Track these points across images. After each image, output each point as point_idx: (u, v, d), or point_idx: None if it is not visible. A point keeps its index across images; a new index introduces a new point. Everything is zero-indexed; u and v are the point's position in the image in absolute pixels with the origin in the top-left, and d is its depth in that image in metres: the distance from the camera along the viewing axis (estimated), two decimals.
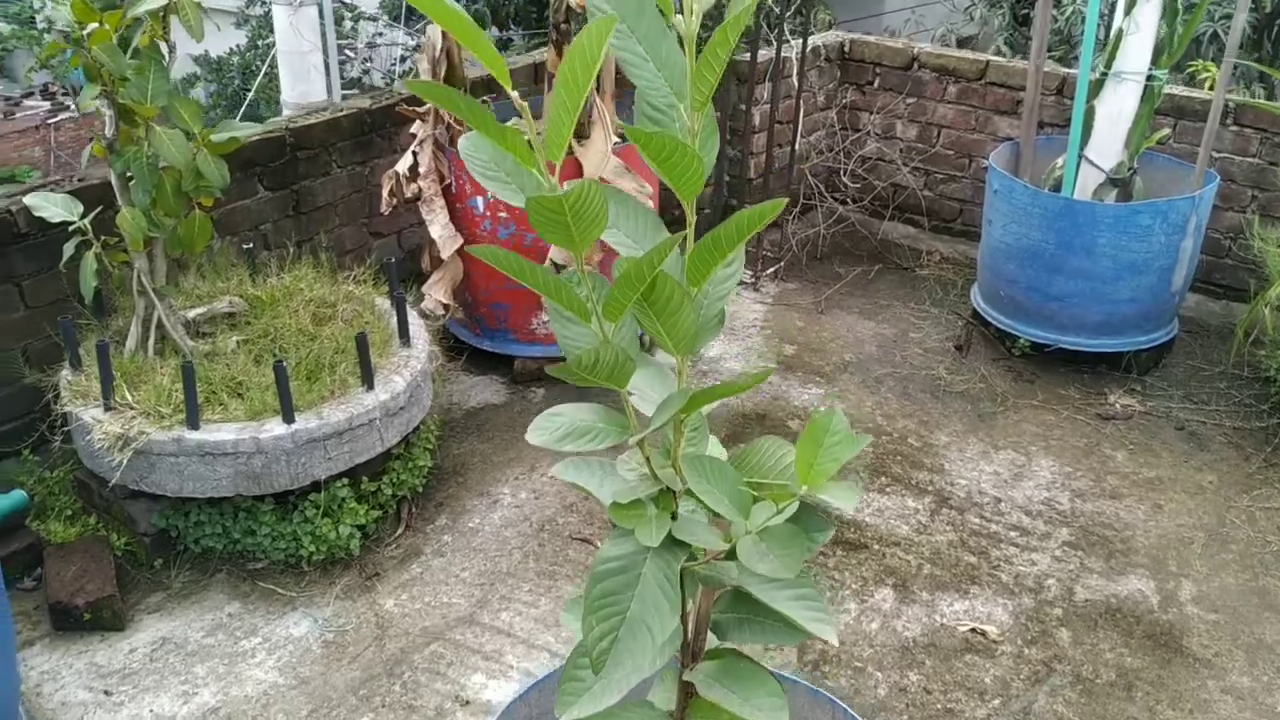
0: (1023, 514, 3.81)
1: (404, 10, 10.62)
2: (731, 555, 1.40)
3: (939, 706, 3.02)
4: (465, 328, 4.58)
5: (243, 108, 10.56)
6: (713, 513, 1.38)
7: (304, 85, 7.64)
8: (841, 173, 5.86)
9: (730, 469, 1.37)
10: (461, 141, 1.40)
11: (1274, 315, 4.26)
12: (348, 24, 11.06)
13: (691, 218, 1.34)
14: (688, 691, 1.63)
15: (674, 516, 1.39)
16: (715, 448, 1.57)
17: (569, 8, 4.07)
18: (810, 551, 1.42)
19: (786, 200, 1.37)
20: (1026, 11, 9.27)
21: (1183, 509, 3.87)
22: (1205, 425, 4.35)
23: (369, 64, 11.63)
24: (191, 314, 3.66)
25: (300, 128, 4.43)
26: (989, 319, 4.84)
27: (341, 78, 8.28)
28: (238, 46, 11.52)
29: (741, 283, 5.37)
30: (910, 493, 3.90)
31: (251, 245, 4.02)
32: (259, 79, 10.06)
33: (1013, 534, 3.71)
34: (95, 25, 3.12)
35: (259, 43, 11.32)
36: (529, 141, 1.30)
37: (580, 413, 1.43)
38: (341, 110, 4.63)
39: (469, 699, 3.00)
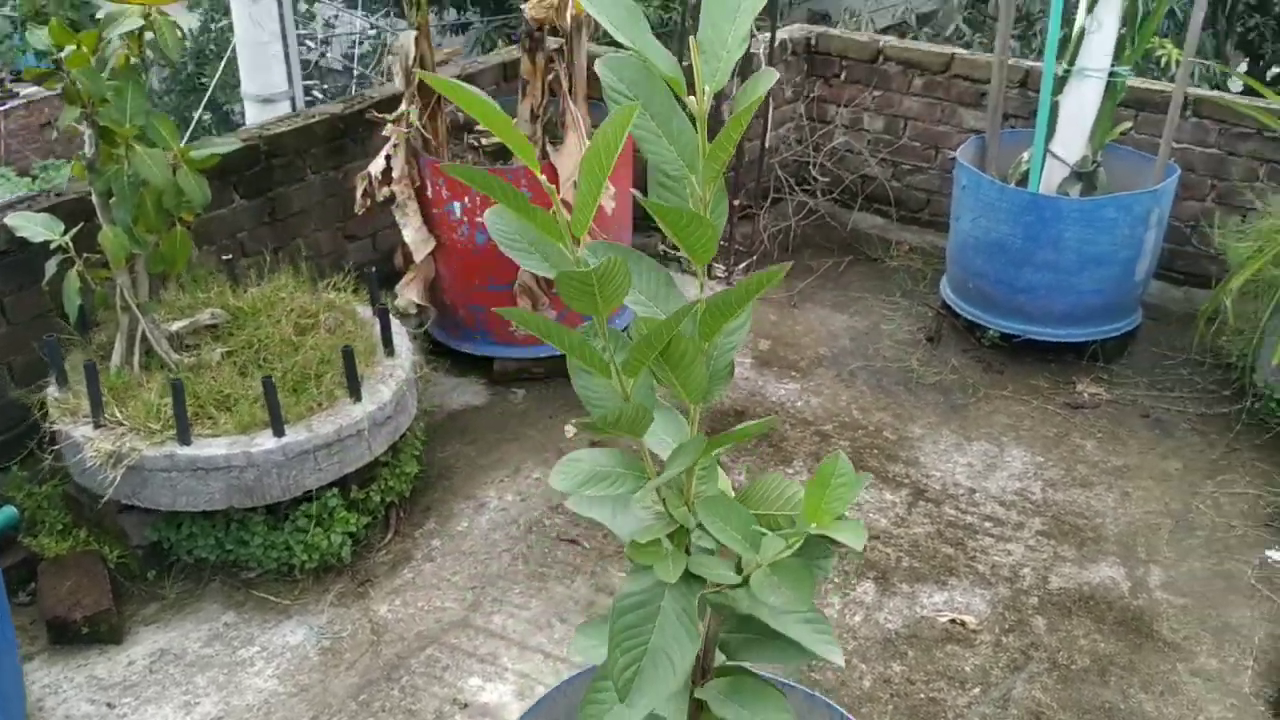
0: (997, 504, 3.93)
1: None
2: (741, 584, 1.47)
3: (922, 696, 3.13)
4: (444, 330, 4.62)
5: (205, 99, 10.44)
6: (722, 546, 1.46)
7: (264, 75, 7.55)
8: (811, 165, 5.93)
9: (741, 508, 1.44)
10: (488, 215, 1.46)
11: (1234, 305, 4.38)
12: (302, 6, 10.89)
13: (703, 279, 1.41)
14: (697, 708, 1.71)
15: (687, 551, 1.46)
16: (723, 483, 1.64)
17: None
18: (817, 581, 1.50)
19: (789, 266, 1.44)
20: (982, 19, 9.31)
21: (1150, 496, 4.00)
22: (1170, 412, 4.49)
23: (326, 49, 11.50)
24: (174, 326, 3.68)
25: (273, 135, 4.44)
26: (958, 310, 4.95)
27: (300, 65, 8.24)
28: (190, 30, 11.34)
29: (715, 278, 5.45)
30: (887, 486, 4.00)
31: (231, 256, 4.04)
32: (219, 70, 9.93)
33: (988, 524, 3.83)
34: (72, 48, 3.14)
35: (212, 26, 11.12)
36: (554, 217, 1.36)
37: (599, 458, 1.50)
38: (314, 116, 4.65)
39: (466, 701, 3.08)
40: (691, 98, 1.40)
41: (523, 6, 3.76)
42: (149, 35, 3.30)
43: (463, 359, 4.58)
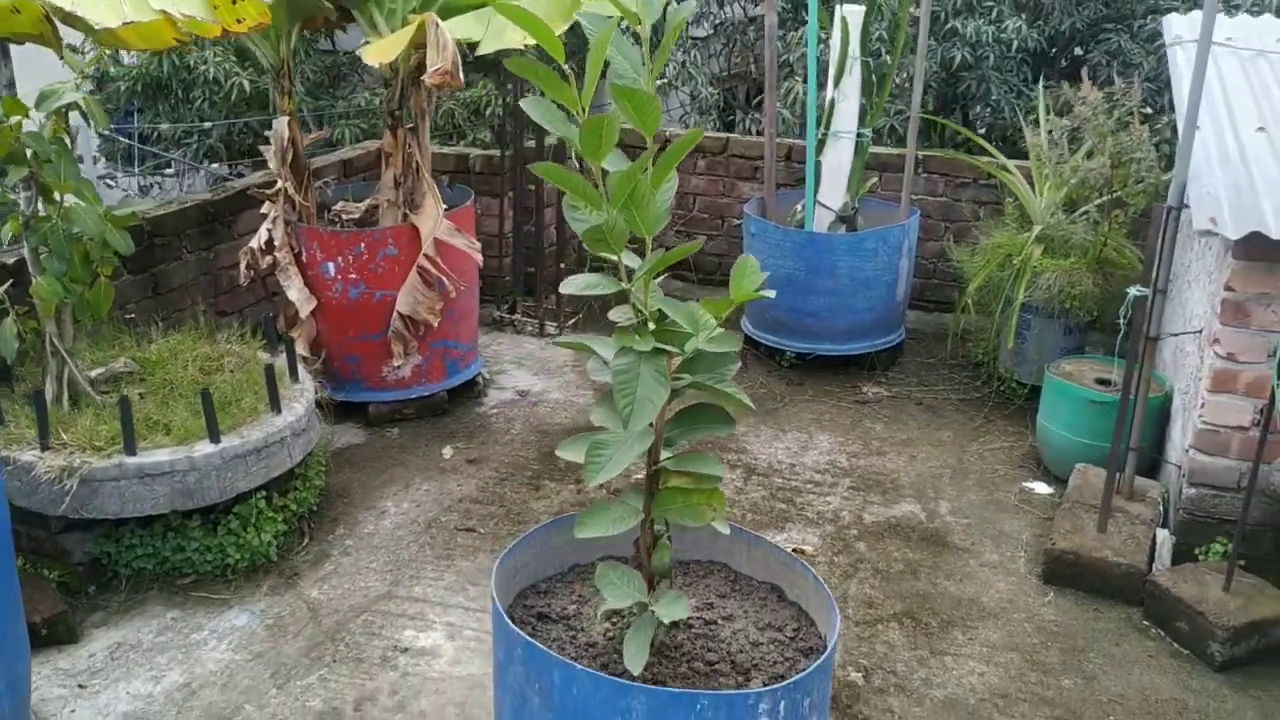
0: (813, 473, 4.76)
1: (135, 153, 10.79)
2: (684, 371, 2.20)
3: None
4: (322, 381, 5.14)
5: None
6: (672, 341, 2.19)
7: None
8: None
9: (684, 304, 2.18)
10: (525, 103, 2.15)
11: (974, 311, 5.48)
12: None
13: (652, 148, 2.15)
14: (651, 490, 2.39)
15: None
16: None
17: (400, 96, 4.84)
18: (733, 364, 2.24)
19: (703, 131, 2.21)
20: (732, 118, 10.65)
21: (931, 456, 4.93)
22: (938, 400, 5.50)
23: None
24: (93, 374, 4.10)
25: (155, 217, 4.94)
26: (759, 340, 5.86)
27: None
28: None
29: (546, 335, 6.19)
30: (724, 467, 4.77)
31: (134, 316, 4.49)
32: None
33: (809, 486, 4.65)
34: (20, 117, 3.65)
35: None
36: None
37: (591, 278, 2.21)
38: (187, 202, 5.18)
39: (406, 646, 3.59)
40: (639, 28, 2.16)
41: (424, 78, 4.39)
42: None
43: (340, 407, 5.11)
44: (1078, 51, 8.21)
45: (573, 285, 2.20)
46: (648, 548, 2.45)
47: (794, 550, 4.13)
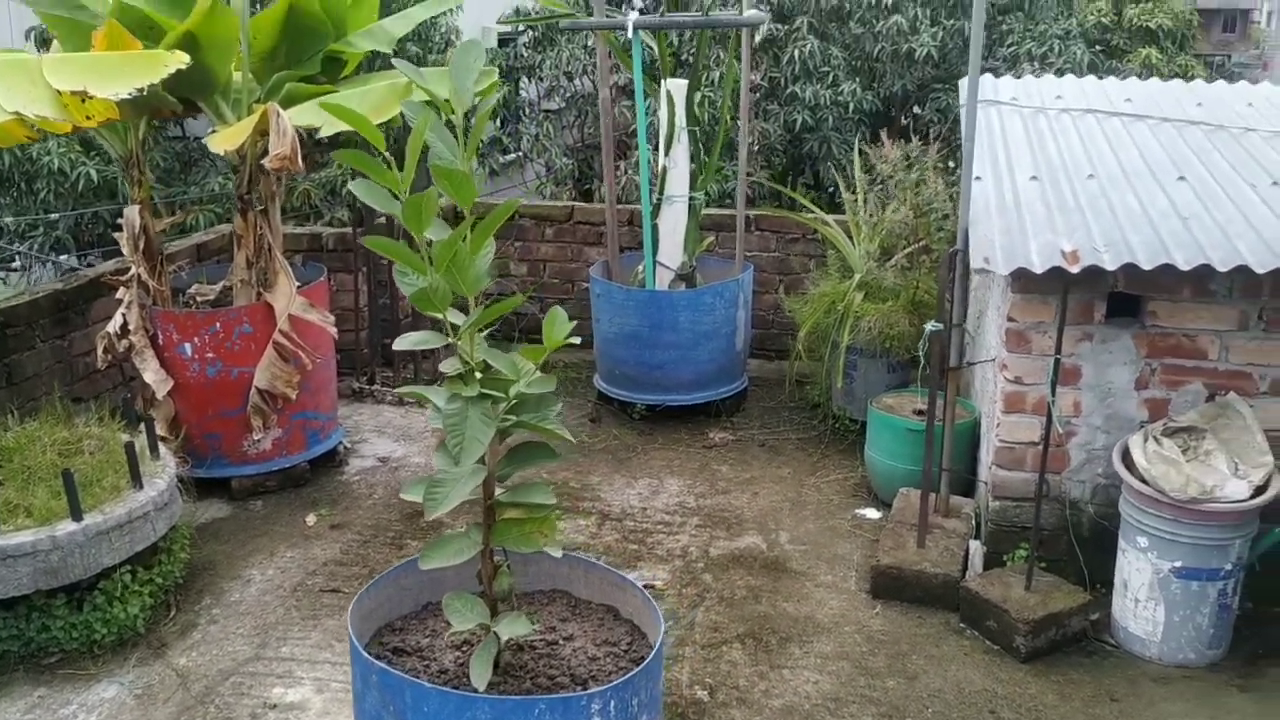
0: (664, 514, 5.07)
1: None
2: (512, 401, 2.49)
3: None
4: (184, 457, 5.24)
5: None
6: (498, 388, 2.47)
7: None
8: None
9: (506, 355, 2.46)
10: (354, 185, 2.42)
11: (806, 354, 5.91)
12: None
13: (469, 219, 2.45)
14: (488, 522, 2.66)
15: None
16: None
17: (249, 181, 5.06)
18: (554, 403, 2.53)
19: (519, 202, 2.52)
20: (589, 187, 11.09)
21: (772, 492, 5.30)
22: (779, 440, 5.89)
23: None
24: None
25: (7, 308, 5.03)
26: (611, 396, 6.17)
27: None
28: None
29: (405, 404, 6.40)
30: (579, 515, 5.05)
31: None
32: None
33: (659, 527, 4.95)
34: None
35: None
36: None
37: (421, 335, 2.48)
38: (39, 292, 5.27)
39: (275, 703, 3.74)
40: (453, 115, 2.47)
41: (264, 162, 4.62)
42: None
43: (203, 483, 5.21)
44: (917, 110, 8.84)
45: (405, 342, 2.48)
46: (489, 576, 2.71)
47: (645, 586, 4.42)
